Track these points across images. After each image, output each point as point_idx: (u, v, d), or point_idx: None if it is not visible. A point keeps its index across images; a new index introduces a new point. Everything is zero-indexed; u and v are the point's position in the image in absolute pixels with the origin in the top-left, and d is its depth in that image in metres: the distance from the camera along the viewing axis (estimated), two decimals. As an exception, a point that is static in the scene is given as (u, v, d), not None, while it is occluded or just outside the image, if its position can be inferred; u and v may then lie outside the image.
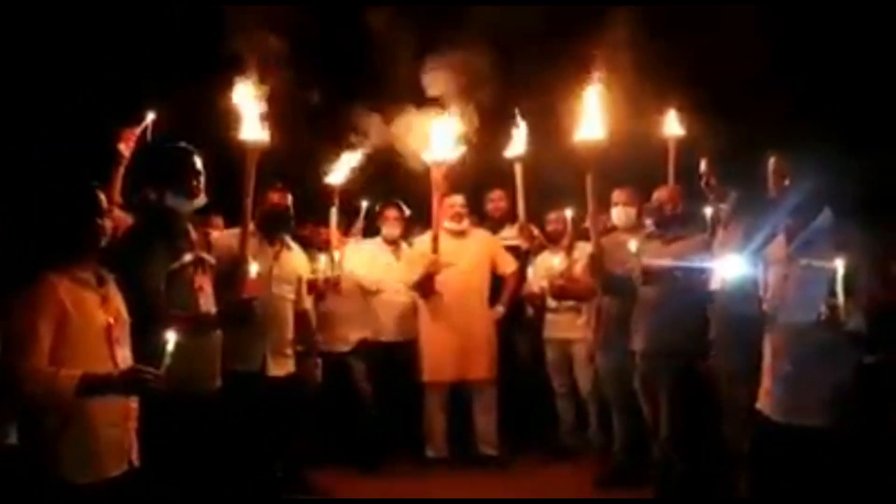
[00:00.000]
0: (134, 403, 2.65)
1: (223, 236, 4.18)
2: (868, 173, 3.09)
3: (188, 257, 3.25)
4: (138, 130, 4.18)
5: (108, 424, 2.53)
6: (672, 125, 4.65)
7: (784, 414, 2.99)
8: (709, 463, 4.05)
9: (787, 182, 3.01)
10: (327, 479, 4.84)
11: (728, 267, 3.31)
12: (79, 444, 2.47)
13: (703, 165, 4.03)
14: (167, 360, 2.46)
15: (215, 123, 3.80)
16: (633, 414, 4.61)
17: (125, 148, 4.07)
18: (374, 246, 5.59)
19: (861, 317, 2.72)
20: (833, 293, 2.62)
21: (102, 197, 2.66)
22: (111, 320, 2.57)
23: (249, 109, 3.57)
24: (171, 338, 2.47)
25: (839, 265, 2.61)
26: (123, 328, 2.63)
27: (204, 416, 3.18)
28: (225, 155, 3.68)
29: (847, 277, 2.61)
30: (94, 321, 2.53)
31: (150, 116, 4.25)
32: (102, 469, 2.52)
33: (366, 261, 5.43)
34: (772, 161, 3.10)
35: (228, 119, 3.62)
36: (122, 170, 4.03)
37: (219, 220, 4.93)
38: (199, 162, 3.38)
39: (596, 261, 4.30)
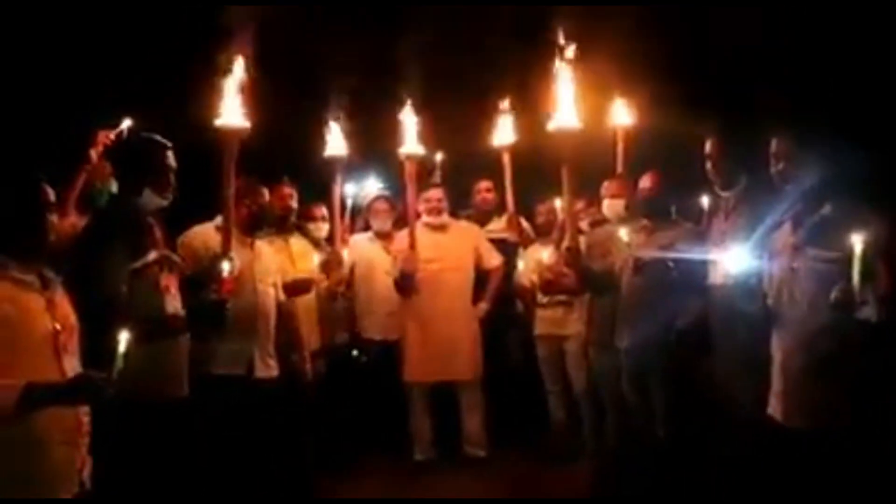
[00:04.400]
0: (86, 416, 2.39)
1: (196, 232, 3.94)
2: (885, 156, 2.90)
3: (152, 255, 3.02)
4: (112, 135, 4.00)
5: (56, 442, 2.29)
6: (620, 115, 4.71)
7: (801, 418, 2.80)
8: (707, 465, 3.87)
9: (790, 166, 2.82)
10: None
11: (733, 260, 3.10)
12: (21, 465, 2.21)
13: (708, 147, 3.84)
14: (119, 364, 2.22)
15: (195, 111, 3.60)
16: (628, 414, 4.42)
17: (95, 153, 3.90)
18: (366, 240, 5.42)
19: (875, 306, 2.53)
20: (849, 277, 2.44)
21: (49, 191, 2.43)
22: (58, 326, 2.33)
23: (228, 95, 3.36)
24: (122, 338, 2.24)
25: (857, 245, 2.43)
26: (72, 335, 2.39)
27: (170, 427, 2.95)
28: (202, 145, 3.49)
29: (864, 261, 2.44)
30: (38, 328, 2.29)
31: (127, 122, 4.06)
32: (48, 493, 2.27)
33: (358, 256, 5.26)
34: (773, 143, 2.91)
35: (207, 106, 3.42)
36: (85, 174, 3.87)
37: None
38: (172, 157, 3.19)
39: (573, 255, 4.13)
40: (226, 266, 3.34)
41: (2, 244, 2.31)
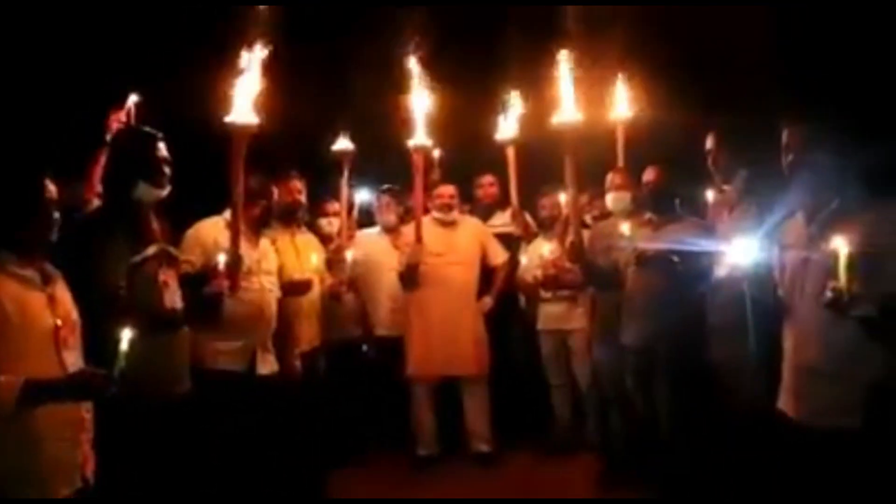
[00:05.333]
0: (88, 413, 2.39)
1: (204, 225, 3.90)
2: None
3: (151, 250, 2.99)
4: (122, 114, 3.99)
5: (57, 438, 2.28)
6: (621, 109, 4.68)
7: (813, 415, 2.75)
8: (713, 461, 3.84)
9: (801, 157, 2.78)
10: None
11: (740, 251, 3.07)
12: (20, 461, 2.20)
13: (709, 142, 3.81)
14: (121, 361, 2.21)
15: (203, 107, 3.58)
16: (632, 408, 4.38)
17: (110, 135, 3.83)
18: (373, 235, 5.40)
19: (874, 303, 2.49)
20: (837, 277, 2.42)
21: (51, 186, 2.41)
22: (58, 322, 2.32)
23: (238, 91, 3.32)
24: (125, 335, 2.22)
25: (842, 245, 2.40)
26: (73, 331, 2.38)
27: (172, 422, 2.93)
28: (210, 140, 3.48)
29: (852, 260, 2.40)
30: (39, 323, 2.28)
31: (133, 98, 4.05)
32: (49, 489, 2.26)
33: (364, 252, 5.19)
34: (785, 133, 2.87)
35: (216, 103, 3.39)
36: (102, 158, 3.73)
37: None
38: (165, 149, 3.15)
39: (576, 249, 4.11)
40: (221, 259, 3.31)
41: (3, 239, 2.29)
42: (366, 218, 5.53)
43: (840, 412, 2.65)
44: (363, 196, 5.52)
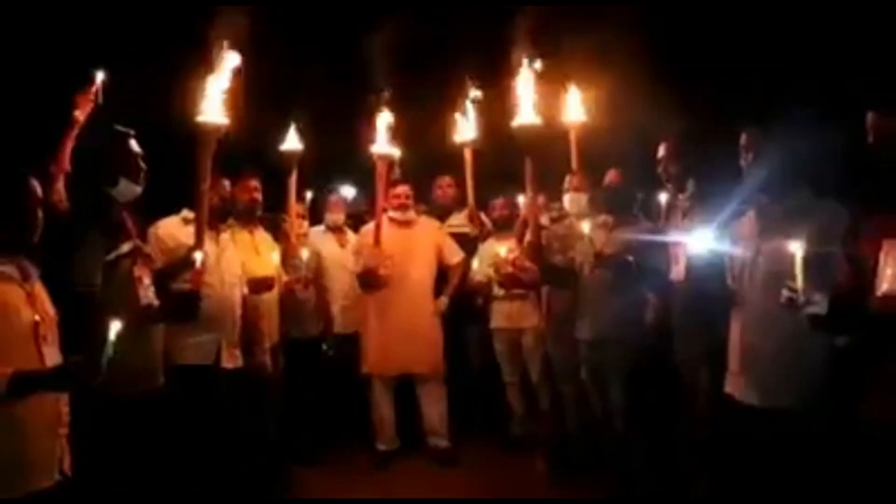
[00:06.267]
0: (65, 406, 2.42)
1: (163, 224, 3.99)
2: (847, 153, 3.04)
3: (125, 247, 3.03)
4: (91, 94, 3.91)
5: (38, 430, 2.31)
6: (574, 111, 4.75)
7: (755, 396, 2.94)
8: (666, 453, 4.00)
9: (756, 158, 2.96)
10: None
11: (695, 242, 3.24)
12: (2, 453, 2.23)
13: (661, 150, 3.98)
14: (109, 352, 2.24)
15: (172, 105, 3.62)
16: (586, 404, 4.53)
17: (80, 114, 3.79)
18: (319, 234, 5.45)
19: (825, 300, 2.67)
20: (792, 277, 2.58)
21: (36, 185, 2.42)
22: (38, 318, 2.34)
23: (209, 91, 3.36)
24: (113, 328, 2.25)
25: (798, 249, 2.57)
26: (52, 326, 2.41)
27: (147, 416, 2.97)
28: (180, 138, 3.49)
29: (807, 261, 2.57)
30: (20, 319, 2.30)
31: (100, 76, 3.97)
32: (29, 481, 2.29)
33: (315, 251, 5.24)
34: (743, 136, 3.05)
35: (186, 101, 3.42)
36: (73, 138, 3.73)
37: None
38: (136, 143, 3.20)
39: (535, 249, 4.22)
40: (198, 257, 3.35)
41: None
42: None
43: (782, 393, 2.85)
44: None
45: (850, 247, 2.67)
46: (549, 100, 4.23)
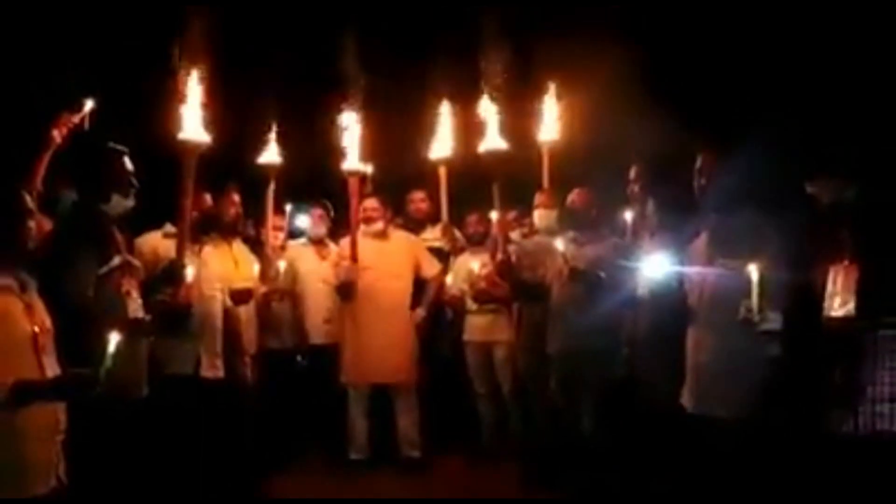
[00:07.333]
0: (62, 415, 2.50)
1: (145, 239, 4.13)
2: (789, 173, 3.23)
3: (116, 261, 3.12)
4: (76, 118, 3.92)
5: (35, 438, 2.39)
6: (547, 131, 4.86)
7: (697, 406, 3.13)
8: (633, 463, 4.15)
9: (710, 181, 3.14)
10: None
11: (655, 266, 3.42)
12: (1, 461, 2.32)
13: (632, 173, 4.15)
14: (108, 363, 2.33)
15: (156, 121, 3.67)
16: (556, 415, 4.66)
17: (58, 134, 3.81)
18: (300, 247, 5.54)
19: (779, 316, 2.85)
20: (749, 296, 2.75)
21: (28, 198, 2.52)
22: (37, 329, 2.43)
23: (191, 108, 3.46)
24: (112, 339, 2.34)
25: (753, 270, 2.74)
26: (49, 337, 2.49)
27: (133, 424, 3.07)
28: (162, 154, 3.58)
29: (763, 280, 2.74)
30: (19, 330, 2.38)
31: (90, 105, 3.99)
32: (27, 488, 2.37)
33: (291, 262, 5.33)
34: (699, 159, 3.23)
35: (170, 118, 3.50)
36: (48, 157, 3.75)
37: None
38: (129, 161, 3.31)
39: (505, 266, 4.35)
40: (190, 272, 3.46)
41: None
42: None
43: (730, 405, 3.02)
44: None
45: (800, 267, 2.85)
46: (520, 117, 4.38)
